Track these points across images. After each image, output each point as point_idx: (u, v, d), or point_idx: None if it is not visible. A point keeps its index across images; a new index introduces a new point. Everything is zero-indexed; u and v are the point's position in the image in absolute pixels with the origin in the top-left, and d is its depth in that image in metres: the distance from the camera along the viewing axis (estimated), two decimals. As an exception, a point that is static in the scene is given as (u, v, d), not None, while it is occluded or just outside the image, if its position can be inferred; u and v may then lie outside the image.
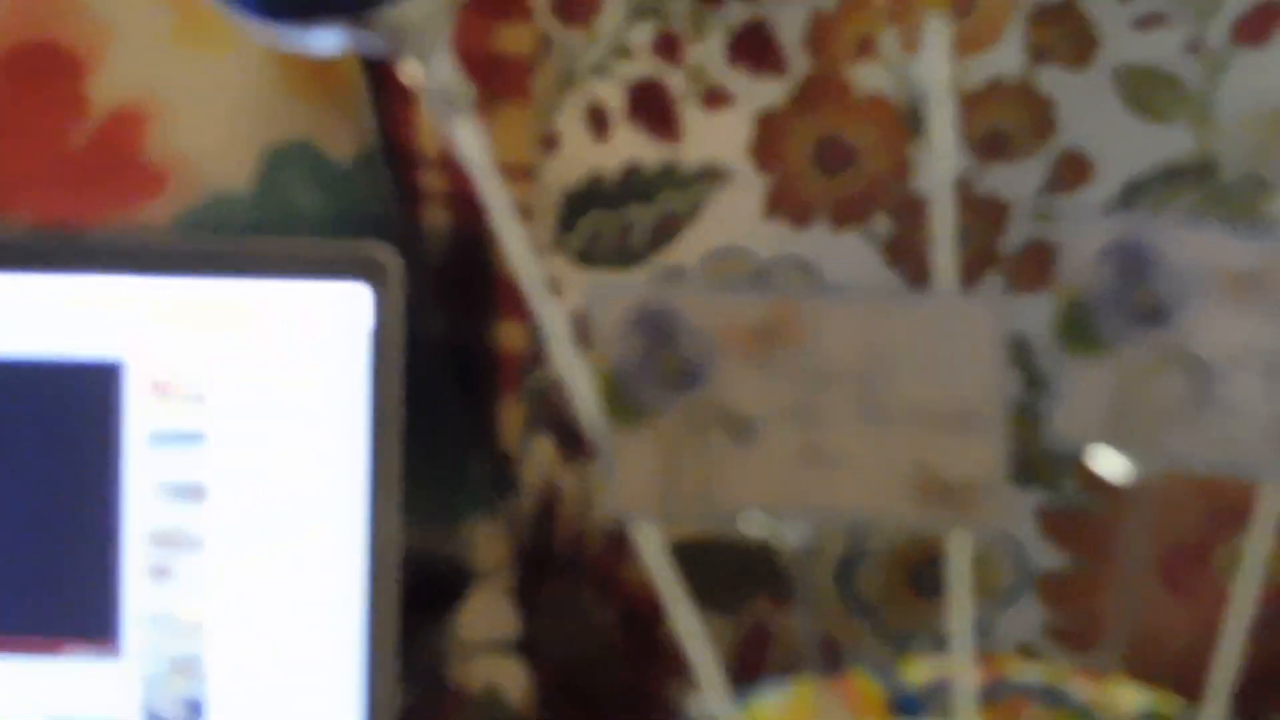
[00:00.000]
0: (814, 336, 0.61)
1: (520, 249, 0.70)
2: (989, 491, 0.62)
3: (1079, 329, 0.61)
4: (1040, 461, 1.18)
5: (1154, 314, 0.60)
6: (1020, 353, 1.15)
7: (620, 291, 0.62)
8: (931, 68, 0.65)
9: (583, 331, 0.94)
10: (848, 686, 0.77)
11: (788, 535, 0.66)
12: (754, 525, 0.64)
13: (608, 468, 0.65)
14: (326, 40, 0.65)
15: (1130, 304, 0.60)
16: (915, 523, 0.65)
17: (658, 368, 0.62)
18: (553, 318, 0.70)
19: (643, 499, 0.64)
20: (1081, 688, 0.77)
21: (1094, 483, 1.18)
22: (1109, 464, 0.61)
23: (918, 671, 0.78)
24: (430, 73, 0.65)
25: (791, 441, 0.63)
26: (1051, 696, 0.76)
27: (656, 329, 0.62)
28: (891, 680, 0.78)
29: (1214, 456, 0.59)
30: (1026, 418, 1.05)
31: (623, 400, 0.63)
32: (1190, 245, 0.59)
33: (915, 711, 0.77)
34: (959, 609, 0.74)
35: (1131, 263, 0.60)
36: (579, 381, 0.68)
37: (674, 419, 0.63)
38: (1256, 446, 0.58)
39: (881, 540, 1.20)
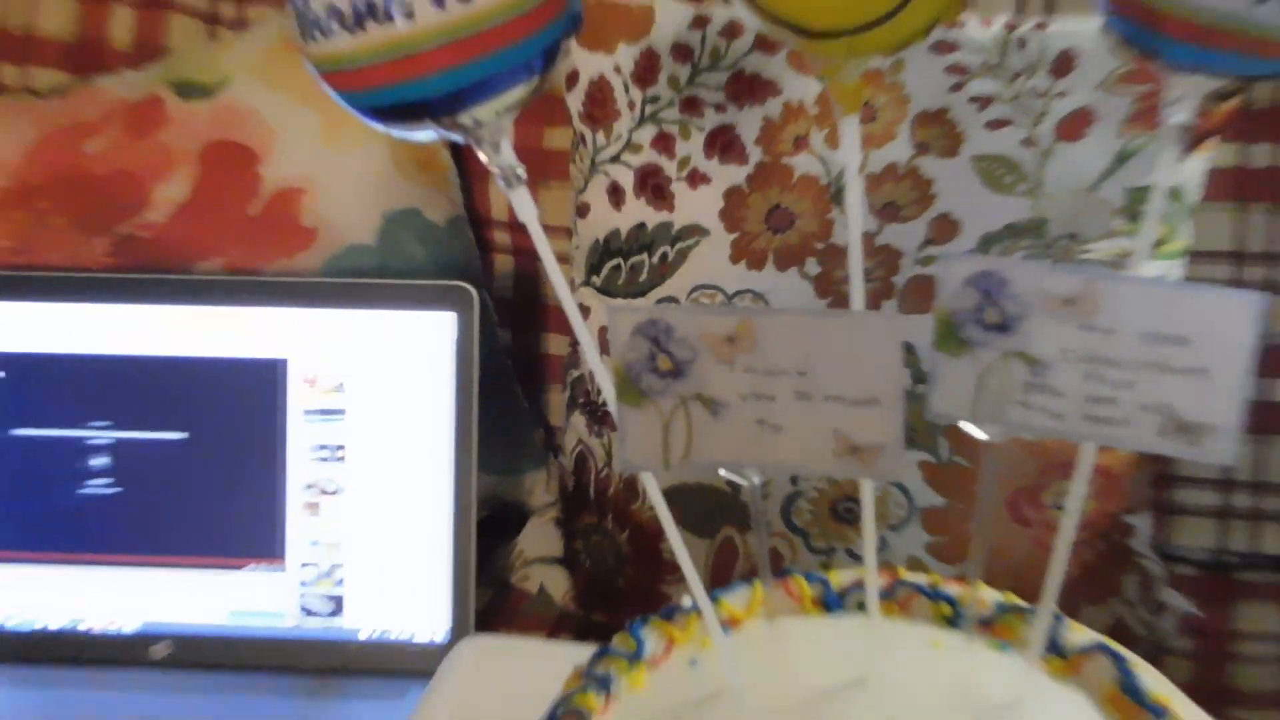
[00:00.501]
0: (764, 343, 0.61)
1: (561, 283, 0.70)
2: (887, 451, 0.62)
3: (950, 336, 0.61)
4: (923, 430, 1.18)
5: (1001, 326, 0.60)
6: (909, 354, 1.15)
7: (629, 313, 0.61)
8: (847, 157, 0.65)
9: (604, 342, 0.95)
10: (789, 587, 0.77)
11: (747, 481, 0.66)
12: (724, 474, 0.64)
13: (622, 435, 0.64)
14: (423, 134, 0.65)
15: (985, 319, 0.60)
16: (835, 473, 0.65)
17: (655, 365, 0.63)
18: (584, 332, 0.70)
19: (646, 457, 0.64)
20: (953, 588, 0.76)
21: (961, 444, 1.18)
22: (971, 431, 0.61)
23: (839, 576, 0.78)
24: (496, 157, 0.64)
25: (748, 416, 0.63)
26: (932, 593, 0.76)
27: (655, 338, 0.62)
28: (820, 582, 0.77)
29: (1044, 425, 0.59)
30: (914, 399, 1.05)
31: (631, 388, 0.63)
32: (1026, 277, 0.59)
33: (837, 605, 0.77)
34: (867, 533, 0.74)
35: (986, 290, 0.60)
36: (602, 376, 0.68)
37: (667, 401, 0.63)
38: (1074, 418, 0.58)
39: (812, 484, 1.20)
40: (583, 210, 1.30)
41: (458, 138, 0.64)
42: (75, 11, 1.48)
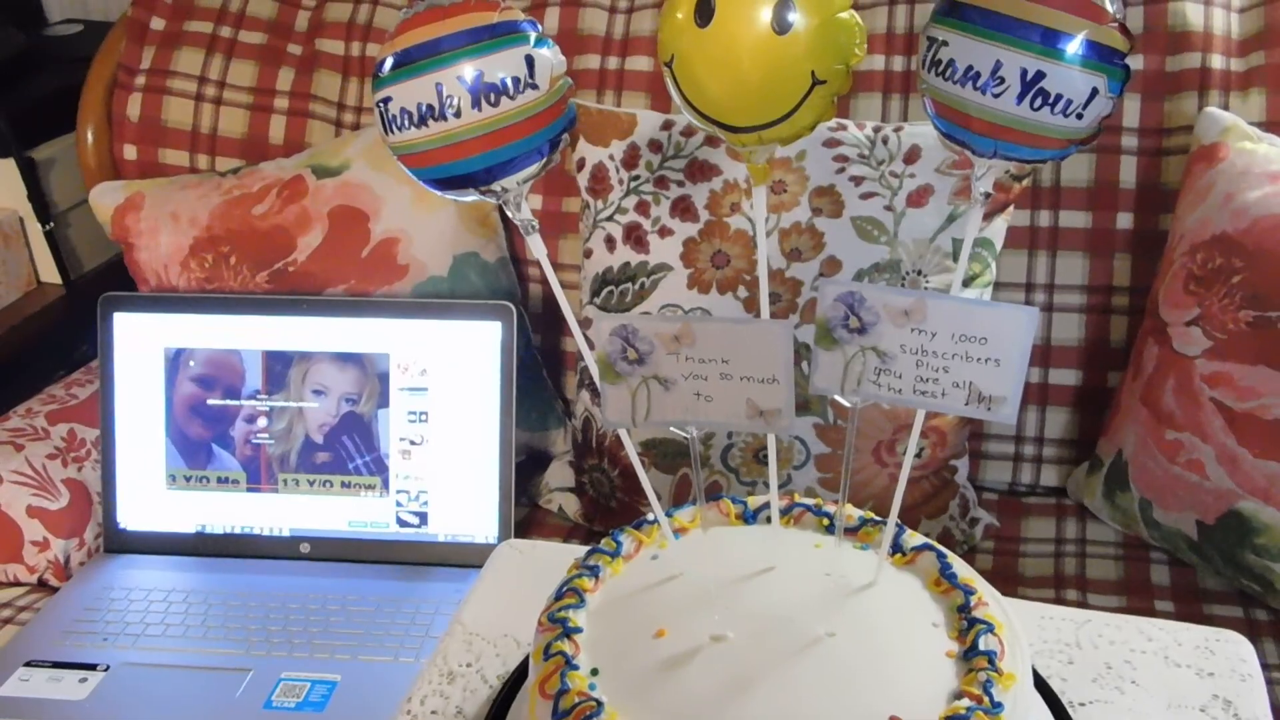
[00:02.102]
0: (699, 340, 0.59)
1: (564, 300, 0.68)
2: (782, 414, 0.60)
3: (825, 336, 0.59)
4: (812, 400, 1.17)
5: (860, 329, 0.59)
6: (799, 348, 1.13)
7: (607, 320, 0.60)
8: (757, 215, 0.63)
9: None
10: (720, 506, 0.75)
11: (688, 434, 0.64)
12: (672, 430, 0.63)
13: (604, 403, 0.63)
14: (467, 197, 0.63)
15: (849, 324, 0.59)
16: (747, 429, 0.64)
17: (626, 355, 0.61)
18: (581, 338, 0.68)
19: (620, 418, 0.63)
20: (830, 507, 0.75)
21: (841, 412, 1.17)
22: (839, 400, 0.60)
23: (753, 500, 0.76)
24: (518, 214, 0.63)
25: (689, 390, 0.61)
26: (816, 511, 0.74)
27: (625, 337, 0.61)
28: (741, 504, 0.76)
29: (888, 396, 0.58)
30: (803, 379, 1.04)
31: (610, 370, 0.62)
32: (877, 296, 0.57)
33: (752, 519, 0.76)
34: (772, 470, 0.73)
35: (849, 305, 0.58)
36: (591, 363, 0.66)
37: (634, 380, 0.62)
38: (909, 392, 0.57)
39: (741, 438, 1.19)
40: (588, 254, 1.29)
41: (491, 200, 0.63)
42: (246, 117, 1.47)
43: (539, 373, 1.40)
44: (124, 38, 1.48)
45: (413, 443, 1.25)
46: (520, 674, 0.77)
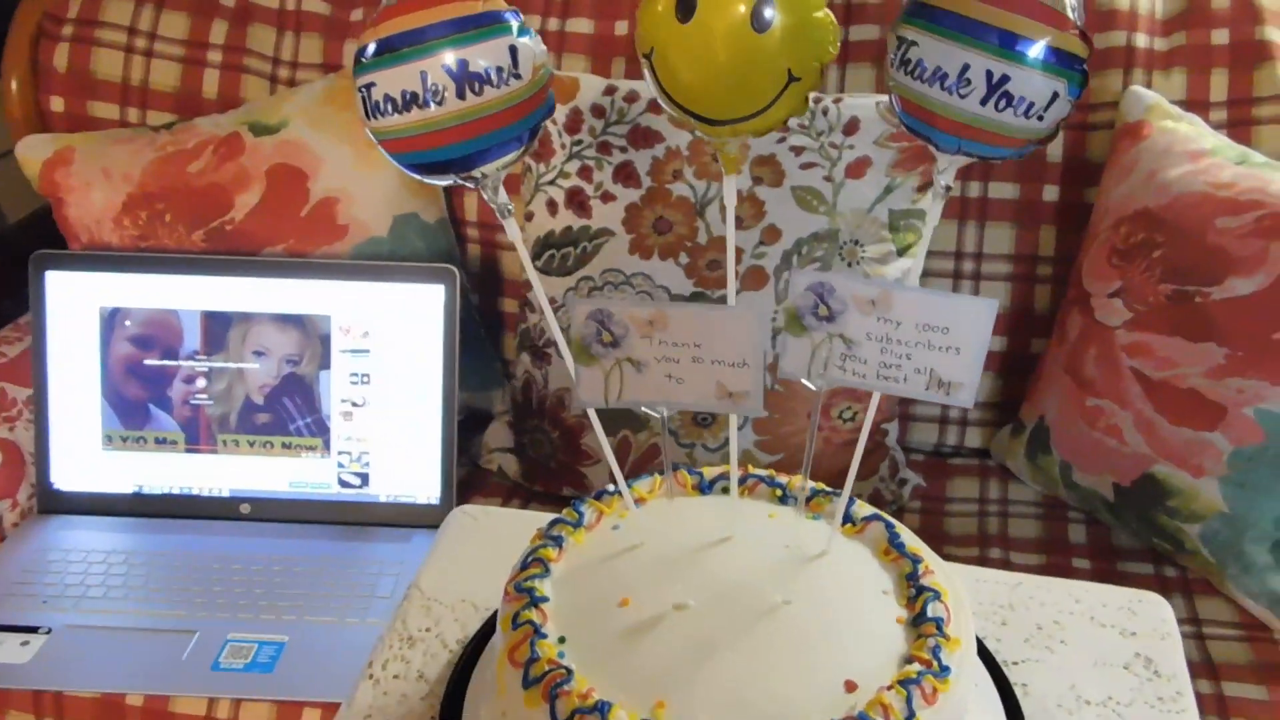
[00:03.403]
0: (673, 325, 0.61)
1: (535, 276, 0.69)
2: (751, 395, 0.63)
3: (795, 323, 0.61)
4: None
5: (829, 317, 0.61)
6: (772, 335, 1.16)
7: (585, 303, 0.61)
8: (728, 199, 0.64)
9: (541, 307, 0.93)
10: (678, 478, 0.77)
11: (658, 413, 0.66)
12: (643, 409, 0.65)
13: (576, 383, 0.65)
14: (444, 181, 0.64)
15: (818, 313, 0.61)
16: (717, 410, 0.66)
17: (600, 338, 0.63)
18: (546, 307, 0.68)
19: (594, 398, 0.64)
20: (783, 478, 0.76)
21: (776, 378, 1.20)
22: (807, 384, 0.62)
23: (709, 471, 0.78)
24: (495, 198, 0.64)
25: (661, 372, 0.63)
26: (770, 482, 0.77)
27: (600, 321, 0.62)
28: (698, 475, 0.78)
29: (854, 381, 0.60)
30: (773, 362, 1.07)
31: (584, 353, 0.63)
32: (844, 285, 0.60)
33: (708, 489, 0.78)
34: (734, 446, 0.75)
35: (819, 294, 0.60)
36: (561, 340, 0.67)
37: (608, 362, 0.63)
38: (872, 377, 0.59)
39: (705, 415, 1.21)
40: (529, 216, 1.29)
41: (469, 185, 0.64)
42: (178, 70, 1.44)
43: (477, 333, 1.41)
44: (50, -15, 1.44)
45: (354, 404, 1.25)
46: (480, 638, 0.80)
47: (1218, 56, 1.27)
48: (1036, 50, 0.57)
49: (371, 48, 0.60)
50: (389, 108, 0.59)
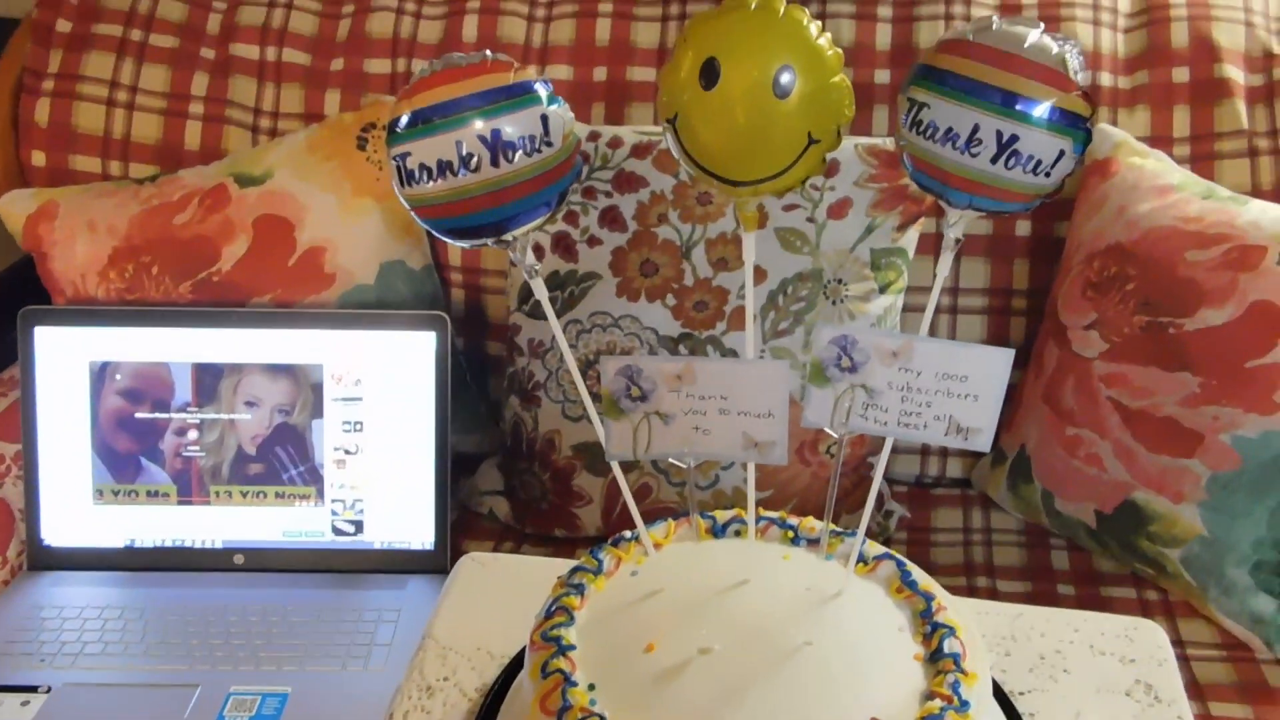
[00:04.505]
0: (700, 379, 0.63)
1: (556, 326, 0.69)
2: (776, 445, 0.65)
3: (819, 374, 0.63)
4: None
5: (851, 369, 0.63)
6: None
7: (613, 360, 0.63)
8: (746, 256, 0.66)
9: (535, 350, 0.91)
10: (695, 523, 0.79)
11: (685, 464, 0.68)
12: (670, 460, 0.66)
13: (607, 437, 0.66)
14: (477, 244, 0.65)
15: (841, 364, 0.63)
16: (746, 459, 0.67)
17: (629, 393, 0.64)
18: (569, 356, 0.68)
19: (623, 450, 0.66)
20: (794, 520, 0.78)
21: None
22: (829, 432, 0.64)
23: (722, 515, 0.80)
24: (523, 260, 0.65)
25: (688, 424, 0.65)
26: (781, 524, 0.78)
27: (629, 376, 0.64)
28: (710, 519, 0.80)
29: (874, 428, 0.62)
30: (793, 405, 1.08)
31: (614, 407, 0.65)
32: (867, 338, 0.62)
33: (722, 533, 0.79)
34: (751, 489, 0.76)
35: (843, 346, 0.63)
36: (585, 392, 0.68)
37: (636, 415, 0.65)
38: (893, 424, 0.61)
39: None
40: (515, 264, 1.30)
41: (501, 248, 0.66)
42: (160, 123, 1.44)
43: (462, 377, 1.42)
44: (29, 40, 1.44)
45: (348, 452, 1.26)
46: (500, 685, 0.81)
47: (1179, 94, 1.32)
48: (1042, 110, 0.60)
49: (406, 118, 0.62)
50: (424, 176, 0.61)
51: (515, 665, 0.81)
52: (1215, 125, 1.31)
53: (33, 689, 1.08)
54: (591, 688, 0.68)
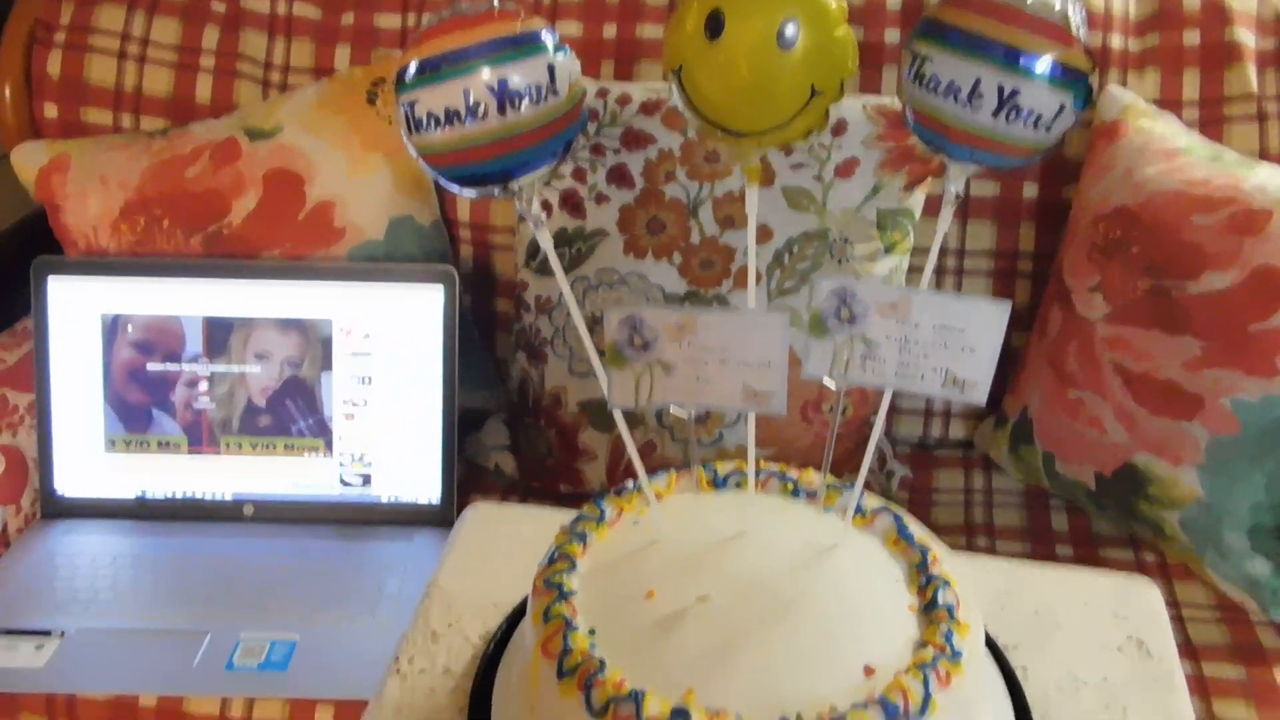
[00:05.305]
0: (702, 330, 0.64)
1: (565, 284, 0.69)
2: (775, 395, 0.65)
3: (819, 326, 0.64)
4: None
5: (851, 320, 0.64)
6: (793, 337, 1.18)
7: (617, 310, 0.64)
8: (749, 209, 0.66)
9: (539, 308, 0.90)
10: (696, 474, 0.80)
11: (690, 414, 0.68)
12: (672, 410, 0.67)
13: (610, 386, 0.67)
14: (483, 193, 0.66)
15: (840, 316, 0.64)
16: (745, 409, 0.68)
17: (632, 343, 0.65)
18: (583, 328, 0.70)
19: (625, 399, 0.66)
20: (794, 473, 0.79)
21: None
22: (828, 383, 0.65)
23: (723, 467, 0.81)
24: (529, 210, 0.66)
25: (689, 374, 0.66)
26: (781, 476, 0.79)
27: (632, 326, 0.65)
28: (712, 471, 0.81)
29: (872, 380, 0.63)
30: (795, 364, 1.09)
31: (618, 356, 0.66)
32: (866, 290, 0.63)
33: (723, 485, 0.80)
34: (751, 443, 0.77)
35: (842, 298, 0.63)
36: (591, 348, 0.69)
37: (639, 365, 0.66)
38: (890, 376, 0.62)
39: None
40: (523, 216, 1.31)
41: (507, 197, 0.66)
42: (171, 76, 1.45)
43: (469, 334, 1.43)
44: (41, -7, 1.45)
45: (356, 405, 1.27)
46: (503, 632, 0.82)
47: (1189, 57, 1.31)
48: (1044, 65, 0.60)
49: (414, 67, 0.62)
50: (431, 124, 0.62)
51: (519, 612, 0.83)
52: (1225, 89, 1.30)
53: (46, 633, 1.10)
54: (592, 633, 0.69)
